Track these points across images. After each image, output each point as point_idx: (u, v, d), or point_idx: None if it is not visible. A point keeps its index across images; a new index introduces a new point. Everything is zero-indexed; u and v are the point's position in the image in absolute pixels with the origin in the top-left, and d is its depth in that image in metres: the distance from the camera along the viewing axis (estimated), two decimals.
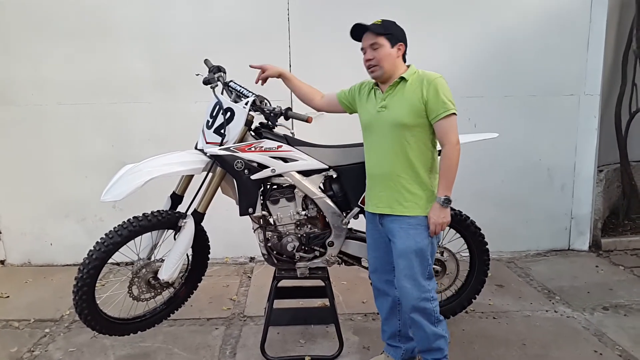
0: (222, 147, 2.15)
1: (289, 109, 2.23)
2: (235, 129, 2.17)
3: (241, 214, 2.22)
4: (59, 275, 3.50)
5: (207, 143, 2.20)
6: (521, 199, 3.85)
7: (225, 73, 2.34)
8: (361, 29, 1.96)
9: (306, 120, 2.17)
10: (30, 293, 3.22)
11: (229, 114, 2.18)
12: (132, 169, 2.08)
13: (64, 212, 3.68)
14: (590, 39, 3.68)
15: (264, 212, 2.28)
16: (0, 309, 2.96)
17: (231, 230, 3.25)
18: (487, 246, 2.59)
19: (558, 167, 3.85)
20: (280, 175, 2.24)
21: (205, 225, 2.35)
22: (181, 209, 2.33)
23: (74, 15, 3.45)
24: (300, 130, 2.68)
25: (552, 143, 3.81)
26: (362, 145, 2.24)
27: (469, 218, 2.53)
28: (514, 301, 3.05)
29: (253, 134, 2.27)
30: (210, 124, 2.22)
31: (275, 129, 2.32)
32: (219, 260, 3.71)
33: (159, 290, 2.28)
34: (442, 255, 2.50)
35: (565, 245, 3.98)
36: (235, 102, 2.21)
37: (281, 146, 2.24)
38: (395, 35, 1.96)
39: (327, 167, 2.30)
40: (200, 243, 2.39)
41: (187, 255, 2.32)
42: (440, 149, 1.94)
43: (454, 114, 1.89)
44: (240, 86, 2.31)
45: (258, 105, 2.21)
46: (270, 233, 2.33)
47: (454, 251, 2.55)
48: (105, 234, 2.10)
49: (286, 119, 2.24)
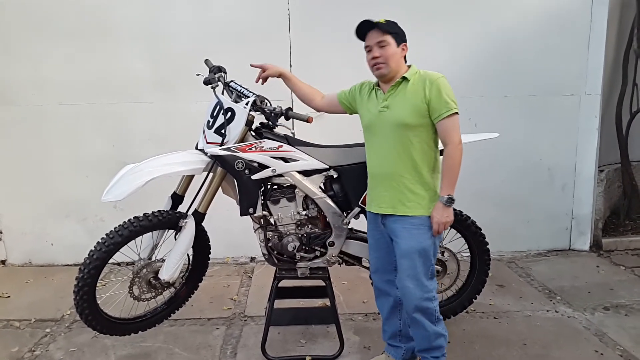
0: (223, 147, 2.15)
1: (290, 109, 2.23)
2: (235, 129, 2.17)
3: (242, 214, 2.22)
4: (60, 275, 3.50)
5: (208, 143, 2.20)
6: (522, 199, 3.85)
7: (225, 73, 2.34)
8: (367, 26, 1.95)
9: (307, 121, 2.17)
10: (31, 293, 3.22)
11: (229, 114, 2.18)
12: (133, 169, 2.08)
13: (64, 212, 3.69)
14: (591, 38, 3.67)
15: (264, 212, 2.28)
16: (1, 309, 2.96)
17: (232, 230, 3.25)
18: (488, 246, 2.59)
19: (559, 167, 3.85)
20: (280, 175, 2.24)
21: (205, 225, 2.35)
22: (182, 209, 2.33)
23: (74, 15, 3.45)
24: (301, 131, 2.68)
25: (553, 143, 3.81)
26: (363, 145, 2.24)
27: (470, 218, 2.53)
28: (514, 301, 3.05)
29: (254, 134, 2.27)
30: (210, 124, 2.22)
31: (275, 129, 2.32)
32: (219, 260, 3.71)
33: (160, 290, 2.28)
34: (443, 255, 2.50)
35: (566, 245, 3.98)
36: (236, 102, 2.21)
37: (282, 146, 2.24)
38: (400, 35, 1.96)
39: (328, 167, 2.30)
40: (201, 243, 2.39)
41: (188, 255, 2.32)
42: (443, 149, 1.94)
43: (457, 113, 1.89)
44: (241, 86, 2.31)
45: (258, 105, 2.21)
46: (270, 233, 2.33)
47: (454, 251, 2.55)
48: (106, 234, 2.10)
49: (287, 119, 2.24)
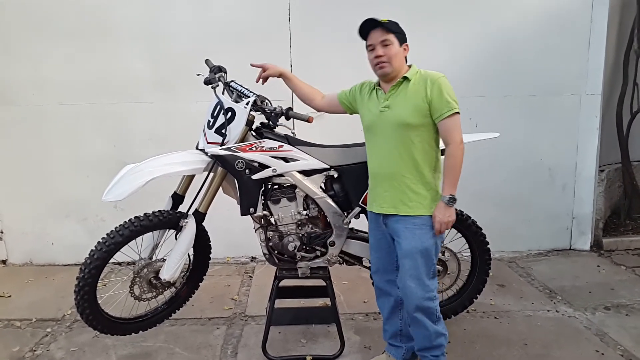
0: (223, 147, 2.15)
1: (290, 109, 2.22)
2: (236, 128, 2.17)
3: (242, 214, 2.22)
4: (61, 275, 3.50)
5: (208, 143, 2.20)
6: (522, 198, 3.85)
7: (226, 73, 2.34)
8: (370, 25, 1.94)
9: (307, 120, 2.17)
10: (31, 293, 3.22)
11: (230, 114, 2.18)
12: (134, 169, 2.08)
13: (65, 212, 3.69)
14: (592, 38, 3.67)
15: (265, 212, 2.28)
16: (2, 309, 2.96)
17: (232, 230, 3.25)
18: (489, 246, 2.59)
19: (559, 167, 3.85)
20: (281, 175, 2.24)
21: (206, 225, 2.35)
22: (182, 208, 2.33)
23: (74, 15, 3.45)
24: (301, 130, 2.68)
25: (553, 143, 3.81)
26: (363, 145, 2.24)
27: (470, 218, 2.53)
28: (515, 301, 3.05)
29: (254, 133, 2.27)
30: (211, 123, 2.22)
31: (276, 129, 2.32)
32: (220, 260, 3.71)
33: (161, 290, 2.28)
34: (444, 254, 2.50)
35: (566, 245, 3.98)
36: (236, 102, 2.21)
37: (282, 146, 2.24)
38: (402, 35, 1.97)
39: (328, 167, 2.30)
40: (202, 243, 2.39)
41: (189, 255, 2.32)
42: (444, 148, 1.94)
43: (458, 113, 1.89)
44: (241, 86, 2.31)
45: (259, 105, 2.21)
46: (271, 233, 2.33)
47: (455, 251, 2.55)
48: (107, 234, 2.10)
49: (287, 118, 2.23)
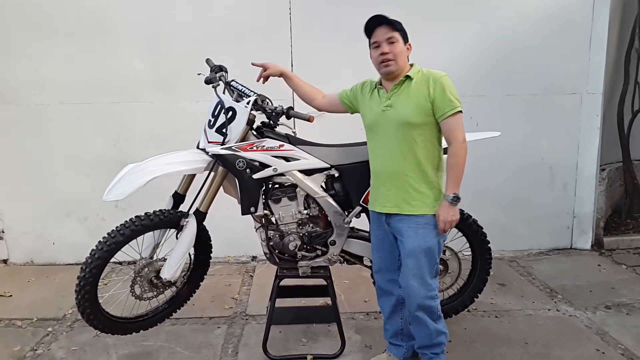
0: (224, 147, 2.15)
1: (291, 108, 2.22)
2: (237, 128, 2.17)
3: (243, 213, 2.22)
4: (62, 275, 3.50)
5: (209, 142, 2.20)
6: (523, 197, 3.84)
7: (227, 72, 2.35)
8: (375, 22, 1.93)
9: (308, 120, 2.17)
10: (32, 292, 3.22)
11: (230, 113, 2.18)
12: (134, 169, 2.08)
13: (65, 212, 3.69)
14: (593, 37, 3.67)
15: (265, 211, 2.28)
16: (3, 308, 2.97)
17: (233, 230, 3.24)
18: (489, 245, 2.59)
19: (560, 166, 3.85)
20: (282, 174, 2.24)
21: (207, 224, 2.35)
22: (183, 208, 2.33)
23: (74, 15, 3.45)
24: (302, 130, 2.67)
25: (554, 142, 3.80)
26: (364, 144, 2.24)
27: (471, 217, 2.53)
28: (516, 300, 3.05)
29: (255, 133, 2.27)
30: (212, 123, 2.22)
31: (277, 128, 2.32)
32: (221, 259, 3.71)
33: (161, 290, 2.28)
34: (445, 254, 2.50)
35: (567, 244, 3.97)
36: (237, 102, 2.21)
37: (283, 145, 2.24)
38: (406, 34, 1.97)
39: (329, 166, 2.30)
40: (202, 242, 2.39)
41: (189, 254, 2.32)
42: (446, 147, 1.94)
43: (460, 111, 1.89)
44: (242, 85, 2.31)
45: (260, 104, 2.21)
46: (272, 232, 2.32)
47: (456, 250, 2.55)
48: (108, 233, 2.10)
49: (288, 118, 2.23)
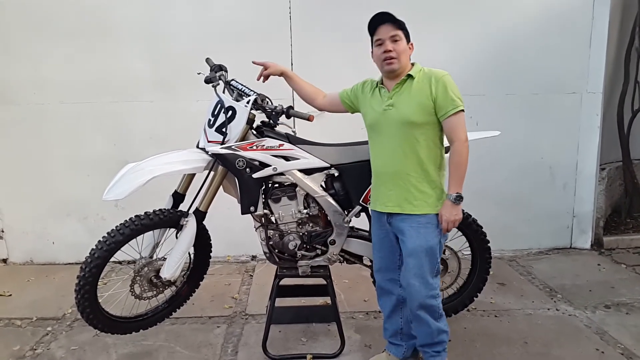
0: (224, 146, 2.15)
1: (291, 107, 2.22)
2: (236, 127, 2.17)
3: (243, 213, 2.22)
4: (61, 274, 3.50)
5: (209, 142, 2.20)
6: (523, 197, 3.84)
7: (226, 72, 2.34)
8: (379, 20, 1.92)
9: (308, 119, 2.17)
10: (32, 291, 3.22)
11: (230, 112, 2.18)
12: (134, 168, 2.08)
13: (65, 211, 3.69)
14: (593, 36, 3.66)
15: (265, 211, 2.28)
16: (3, 308, 2.97)
17: (233, 229, 3.24)
18: (489, 244, 2.59)
19: (560, 165, 3.85)
20: (281, 173, 2.24)
21: (207, 223, 2.35)
22: (183, 207, 2.33)
23: (74, 15, 3.45)
24: (302, 129, 2.68)
25: (554, 141, 3.80)
26: (364, 143, 2.24)
27: (471, 216, 2.53)
28: (515, 299, 3.05)
29: (255, 132, 2.27)
30: (211, 122, 2.22)
31: (276, 128, 2.32)
32: (220, 259, 3.72)
33: (161, 289, 2.28)
34: (445, 253, 2.50)
35: (567, 243, 3.97)
36: (237, 101, 2.21)
37: (283, 145, 2.24)
38: (409, 34, 1.97)
39: (329, 166, 2.30)
40: (202, 242, 2.39)
41: (189, 253, 2.32)
42: (447, 146, 1.94)
43: (462, 110, 1.89)
44: (242, 85, 2.30)
45: (259, 103, 2.21)
46: (272, 231, 2.32)
47: (455, 249, 2.55)
48: (107, 233, 2.10)
49: (288, 117, 2.23)
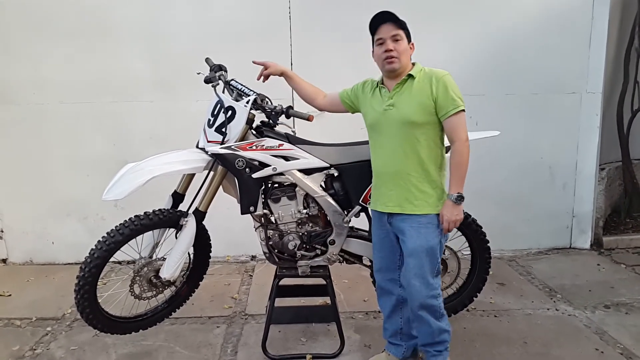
0: (224, 146, 2.15)
1: (290, 107, 2.22)
2: (236, 127, 2.17)
3: (242, 213, 2.22)
4: (61, 274, 3.50)
5: (209, 142, 2.20)
6: (522, 197, 3.85)
7: (226, 72, 2.34)
8: (380, 19, 1.92)
9: (307, 119, 2.17)
10: (32, 292, 3.22)
11: (230, 112, 2.18)
12: (134, 168, 2.08)
13: (65, 211, 3.69)
14: (592, 36, 3.67)
15: (265, 211, 2.28)
16: (2, 308, 2.97)
17: (232, 229, 3.25)
18: (489, 244, 2.59)
19: (559, 165, 3.85)
20: (281, 173, 2.24)
21: (206, 223, 2.35)
22: (183, 207, 2.33)
23: (74, 15, 3.45)
24: (302, 129, 2.68)
25: (554, 141, 3.81)
26: (364, 143, 2.24)
27: (470, 216, 2.53)
28: (515, 299, 3.05)
29: (254, 132, 2.27)
30: (211, 122, 2.22)
31: (276, 128, 2.32)
32: (220, 259, 3.72)
33: (161, 289, 2.28)
34: (444, 253, 2.50)
35: (566, 243, 3.98)
36: (237, 101, 2.21)
37: (282, 144, 2.24)
38: (410, 34, 1.97)
39: (329, 166, 2.30)
40: (202, 242, 2.39)
41: (189, 253, 2.32)
42: (448, 146, 1.94)
43: (463, 110, 1.89)
44: (242, 85, 2.30)
45: (259, 103, 2.21)
46: (271, 231, 2.32)
47: (455, 249, 2.55)
48: (107, 233, 2.10)
49: (287, 117, 2.23)
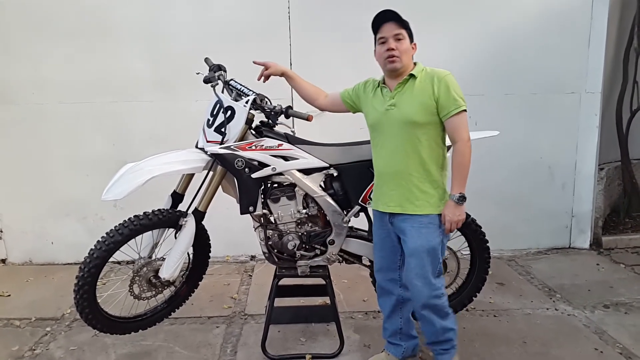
0: (223, 146, 2.15)
1: (290, 107, 2.22)
2: (235, 127, 2.17)
3: (242, 213, 2.22)
4: (60, 274, 3.50)
5: (208, 142, 2.20)
6: (522, 197, 3.85)
7: (225, 72, 2.34)
8: (383, 18, 1.92)
9: (307, 119, 2.17)
10: (31, 292, 3.22)
11: (229, 112, 2.18)
12: (133, 168, 2.08)
13: (64, 211, 3.69)
14: (591, 36, 3.67)
15: (264, 211, 2.28)
16: (2, 308, 2.97)
17: (232, 229, 3.25)
18: (488, 244, 2.59)
19: (559, 165, 3.85)
20: (280, 173, 2.24)
21: (206, 223, 2.35)
22: (182, 207, 2.33)
23: (74, 15, 3.45)
24: (301, 129, 2.68)
25: (553, 141, 3.81)
26: (363, 143, 2.24)
27: (470, 216, 2.53)
28: (514, 299, 3.05)
29: (254, 132, 2.27)
30: (210, 122, 2.22)
31: (275, 128, 2.32)
32: (219, 259, 3.72)
33: (160, 289, 2.28)
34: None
35: (566, 243, 3.98)
36: (236, 101, 2.21)
37: (282, 144, 2.24)
38: (412, 33, 1.97)
39: (328, 166, 2.30)
40: (201, 242, 2.39)
41: (188, 253, 2.32)
42: (449, 146, 1.94)
43: (465, 110, 1.88)
44: (241, 85, 2.31)
45: (258, 103, 2.21)
46: (271, 231, 2.33)
47: (454, 249, 2.55)
48: (106, 233, 2.10)
49: (287, 117, 2.23)
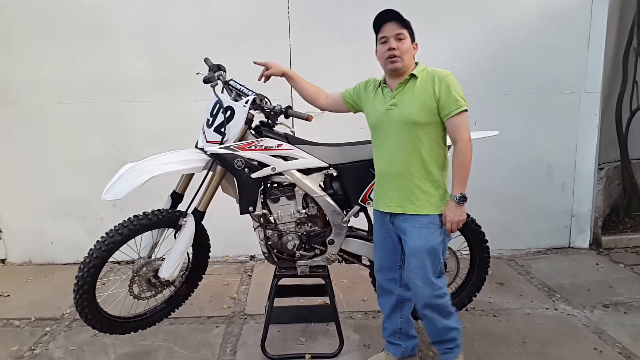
0: (223, 146, 2.15)
1: (289, 107, 2.22)
2: (235, 127, 2.17)
3: (241, 213, 2.22)
4: (60, 274, 3.50)
5: (208, 142, 2.20)
6: (522, 196, 3.85)
7: (225, 72, 2.34)
8: (384, 17, 1.91)
9: (306, 119, 2.17)
10: (30, 292, 3.22)
11: (229, 112, 2.18)
12: (133, 168, 2.08)
13: (64, 211, 3.69)
14: (591, 36, 3.67)
15: (264, 211, 2.29)
16: (1, 308, 2.97)
17: (231, 229, 3.24)
18: (488, 244, 2.59)
19: (558, 165, 3.85)
20: (280, 173, 2.24)
21: (205, 223, 2.35)
22: (181, 207, 2.33)
23: (74, 15, 3.45)
24: (301, 129, 2.68)
25: (553, 141, 3.81)
26: (363, 143, 2.24)
27: (470, 216, 2.52)
28: (514, 299, 3.05)
29: (253, 132, 2.27)
30: (210, 122, 2.22)
31: (275, 128, 2.32)
32: (219, 259, 3.72)
33: (160, 289, 2.28)
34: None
35: (565, 243, 3.98)
36: (236, 101, 2.21)
37: (281, 144, 2.24)
38: (413, 33, 1.97)
39: (328, 166, 2.30)
40: (201, 241, 2.39)
41: (188, 253, 2.33)
42: (451, 146, 1.94)
43: (466, 110, 1.88)
44: (241, 85, 2.31)
45: (258, 103, 2.21)
46: (270, 231, 2.33)
47: (454, 249, 2.55)
48: (106, 233, 2.10)
49: (286, 117, 2.23)
